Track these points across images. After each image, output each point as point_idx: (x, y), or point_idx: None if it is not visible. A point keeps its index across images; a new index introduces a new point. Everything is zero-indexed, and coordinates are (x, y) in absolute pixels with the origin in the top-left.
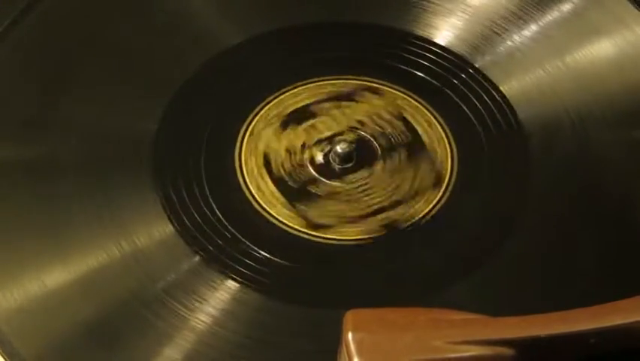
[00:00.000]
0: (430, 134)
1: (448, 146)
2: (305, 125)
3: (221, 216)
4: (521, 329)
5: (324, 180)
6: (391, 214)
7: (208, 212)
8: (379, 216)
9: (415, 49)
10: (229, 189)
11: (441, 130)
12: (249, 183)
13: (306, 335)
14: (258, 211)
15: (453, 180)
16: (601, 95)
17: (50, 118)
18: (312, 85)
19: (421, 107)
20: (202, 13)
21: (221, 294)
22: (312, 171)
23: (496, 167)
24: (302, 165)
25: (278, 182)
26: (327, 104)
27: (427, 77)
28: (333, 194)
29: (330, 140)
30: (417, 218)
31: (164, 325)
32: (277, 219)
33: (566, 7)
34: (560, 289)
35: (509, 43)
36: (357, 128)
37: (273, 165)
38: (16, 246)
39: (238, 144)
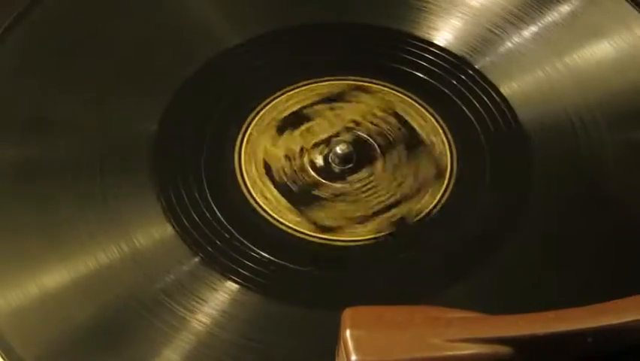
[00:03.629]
0: (425, 126)
1: (448, 147)
2: (300, 129)
3: (220, 217)
4: (519, 327)
5: (327, 182)
6: (399, 211)
7: (207, 213)
8: (388, 214)
9: (414, 50)
10: (228, 190)
11: (441, 131)
12: (248, 184)
13: (305, 335)
14: (257, 212)
15: (453, 181)
16: (601, 96)
17: (50, 118)
18: (305, 88)
19: (411, 101)
20: (202, 13)
21: (221, 295)
22: (313, 174)
23: (496, 168)
24: (303, 170)
25: (282, 190)
26: (319, 107)
27: (427, 78)
28: (337, 196)
29: (328, 142)
30: (423, 213)
31: (163, 326)
32: (279, 221)
33: (566, 8)
34: (559, 288)
35: (509, 44)
36: (352, 129)
37: (274, 172)
38: (16, 246)
39: (238, 144)
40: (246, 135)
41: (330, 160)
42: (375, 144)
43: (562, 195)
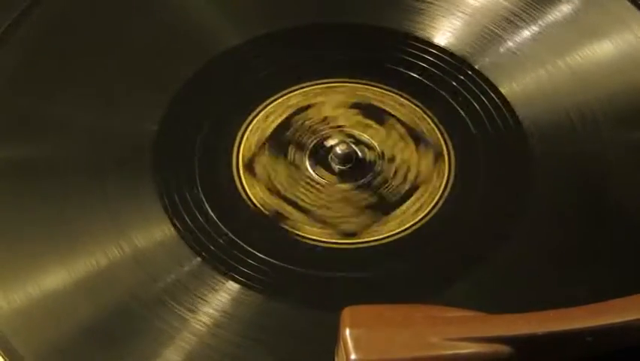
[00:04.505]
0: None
1: (446, 147)
2: (366, 121)
3: (220, 217)
4: (518, 326)
5: (305, 155)
6: (290, 211)
7: (208, 213)
8: (283, 204)
9: (414, 50)
10: (228, 190)
11: (441, 131)
12: (245, 185)
13: (306, 335)
14: (257, 212)
15: (452, 180)
16: (601, 96)
17: (50, 118)
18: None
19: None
20: (202, 14)
21: (222, 295)
22: (310, 143)
23: (496, 168)
24: (314, 133)
25: (283, 124)
26: (400, 128)
27: (427, 79)
28: (292, 166)
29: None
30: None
31: (164, 326)
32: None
33: (566, 8)
34: (559, 288)
35: (509, 44)
36: (382, 157)
37: (302, 114)
38: (16, 246)
39: (238, 144)
40: (246, 135)
41: (330, 163)
42: (368, 178)
43: (562, 194)
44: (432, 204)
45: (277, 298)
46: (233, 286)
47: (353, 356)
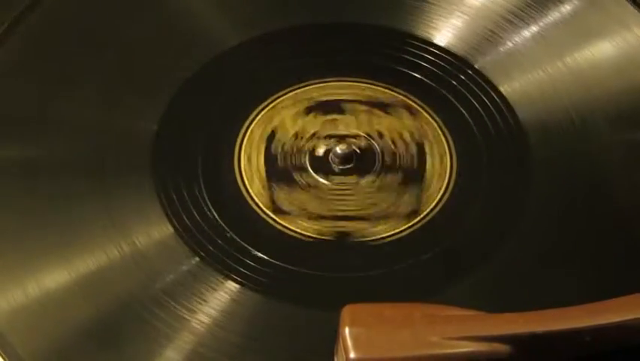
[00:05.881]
0: (437, 167)
1: (447, 147)
2: (329, 117)
3: (220, 217)
4: (518, 325)
5: (311, 172)
6: (350, 225)
7: (207, 212)
8: (338, 223)
9: (414, 50)
10: (228, 190)
11: (441, 131)
12: (248, 184)
13: (305, 335)
14: (257, 212)
15: (452, 180)
16: (601, 96)
17: (50, 118)
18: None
19: (442, 137)
20: (202, 14)
21: (221, 295)
22: (305, 160)
23: (496, 168)
24: (299, 152)
25: (268, 159)
26: (361, 107)
27: (426, 78)
28: (310, 187)
29: (340, 139)
30: (368, 239)
31: (163, 326)
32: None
33: (566, 8)
34: (558, 287)
35: (509, 44)
36: (372, 138)
37: (274, 141)
38: (16, 246)
39: (238, 144)
40: (246, 135)
41: (330, 155)
42: (379, 162)
43: (562, 194)
44: (432, 204)
45: (276, 298)
46: (232, 285)
47: (352, 355)
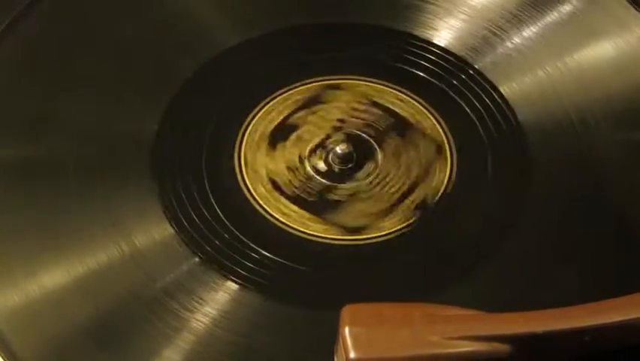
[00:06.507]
0: (406, 108)
1: (447, 147)
2: (290, 139)
3: (220, 217)
4: (518, 325)
5: (337, 184)
6: (417, 196)
7: (207, 212)
8: (407, 201)
9: (414, 50)
10: (228, 190)
11: (441, 130)
12: (248, 184)
13: (305, 335)
14: (257, 212)
15: (453, 179)
16: (601, 96)
17: (50, 118)
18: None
19: (385, 88)
20: (202, 14)
21: (221, 295)
22: (321, 180)
23: (496, 168)
24: (309, 178)
25: (297, 201)
26: (301, 113)
27: (427, 78)
28: (352, 195)
29: (323, 145)
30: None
31: (163, 326)
32: (304, 232)
33: (566, 9)
34: (559, 287)
35: (509, 44)
36: (341, 128)
37: (283, 187)
38: (16, 246)
39: (237, 144)
40: (246, 135)
41: (331, 162)
42: (369, 137)
43: (562, 194)
44: (432, 204)
45: (276, 298)
46: (231, 285)
47: (352, 355)
